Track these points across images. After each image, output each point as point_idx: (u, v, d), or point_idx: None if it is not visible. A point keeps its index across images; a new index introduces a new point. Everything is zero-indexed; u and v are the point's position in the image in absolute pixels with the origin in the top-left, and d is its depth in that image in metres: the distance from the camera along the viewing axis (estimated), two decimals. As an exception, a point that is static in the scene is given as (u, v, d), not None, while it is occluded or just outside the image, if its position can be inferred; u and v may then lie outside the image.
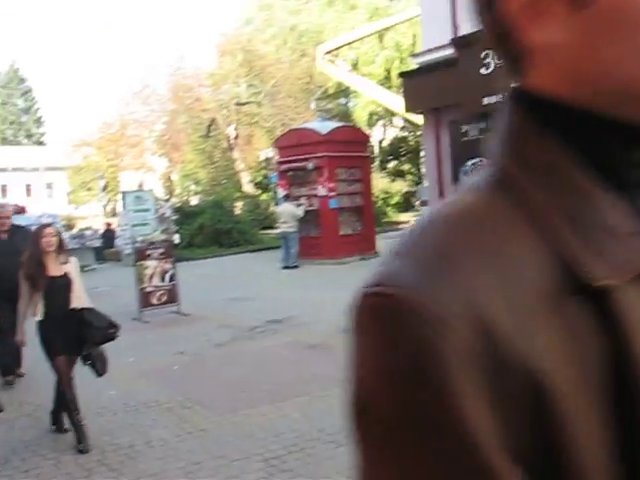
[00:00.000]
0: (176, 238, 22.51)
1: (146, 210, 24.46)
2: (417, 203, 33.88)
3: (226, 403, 6.83)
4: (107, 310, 6.61)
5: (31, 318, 6.02)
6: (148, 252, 12.07)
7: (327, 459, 5.22)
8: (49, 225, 6.35)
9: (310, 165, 18.69)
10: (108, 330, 6.00)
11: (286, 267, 18.02)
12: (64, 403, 5.99)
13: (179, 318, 11.90)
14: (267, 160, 41.00)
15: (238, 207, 31.63)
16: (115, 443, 5.90)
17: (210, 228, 25.48)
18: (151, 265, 12.01)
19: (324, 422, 6.04)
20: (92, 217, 45.51)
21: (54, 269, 5.97)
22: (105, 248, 25.42)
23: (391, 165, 41.51)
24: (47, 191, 63.40)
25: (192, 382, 7.75)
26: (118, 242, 25.15)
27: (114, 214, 51.91)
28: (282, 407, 6.59)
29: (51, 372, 6.01)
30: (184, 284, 12.81)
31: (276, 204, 27.62)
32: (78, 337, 5.95)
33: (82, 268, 23.54)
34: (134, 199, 24.67)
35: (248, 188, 37.88)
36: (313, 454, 5.35)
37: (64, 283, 5.98)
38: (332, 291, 13.48)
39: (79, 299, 6.08)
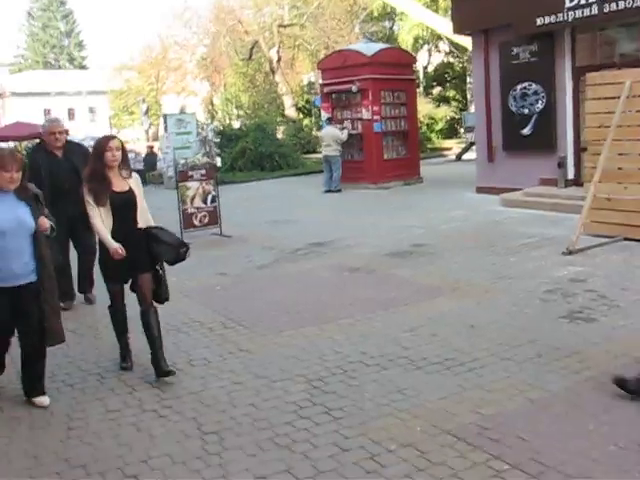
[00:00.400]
0: (218, 161, 22.42)
1: (188, 133, 24.45)
2: (462, 130, 33.25)
3: (269, 324, 6.78)
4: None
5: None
6: (190, 173, 11.96)
7: (370, 382, 5.14)
8: (113, 137, 5.70)
9: (354, 87, 18.26)
10: (180, 249, 5.63)
11: (329, 191, 17.82)
12: (113, 323, 5.93)
13: (221, 240, 11.85)
14: (310, 84, 40.45)
15: (280, 131, 31.34)
16: (158, 361, 5.90)
17: (252, 152, 25.27)
18: (193, 186, 11.91)
19: (367, 345, 5.96)
20: (134, 141, 45.94)
21: (118, 184, 5.54)
22: (147, 171, 25.43)
23: (435, 91, 40.64)
24: (89, 115, 63.72)
25: (235, 303, 7.71)
26: (160, 165, 25.17)
27: (156, 138, 51.80)
28: (325, 329, 6.51)
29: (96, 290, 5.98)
30: (226, 207, 12.74)
31: (319, 129, 27.28)
32: (149, 255, 5.63)
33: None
34: (176, 122, 24.60)
35: (290, 112, 37.46)
36: (356, 377, 5.27)
37: (129, 198, 5.56)
38: (375, 215, 13.35)
39: (145, 216, 5.69)
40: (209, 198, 12.05)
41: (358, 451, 4.14)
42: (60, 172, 7.44)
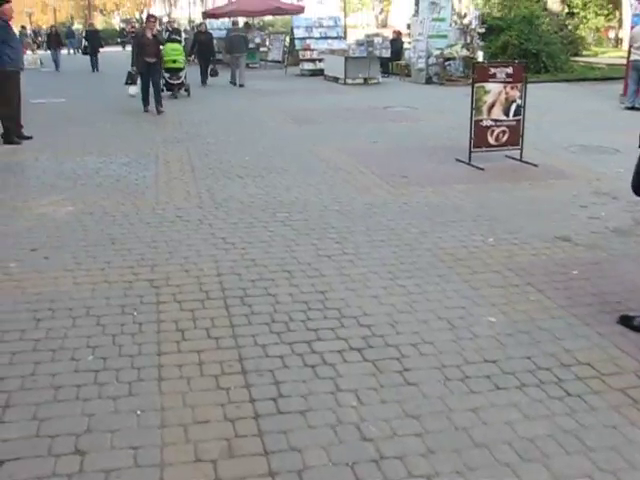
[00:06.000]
0: (480, 56, 18.99)
1: (441, 20, 20.90)
2: None
3: None
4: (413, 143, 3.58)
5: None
6: (492, 71, 8.59)
7: None
8: None
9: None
10: None
11: (632, 108, 13.85)
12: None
13: (524, 169, 8.57)
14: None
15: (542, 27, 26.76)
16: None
17: (516, 48, 21.28)
18: (493, 90, 8.61)
19: None
20: (362, 26, 44.78)
21: None
22: (390, 60, 22.27)
23: None
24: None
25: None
26: (408, 55, 21.99)
27: (385, 24, 49.72)
28: None
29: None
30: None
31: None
32: None
33: (365, 80, 20.28)
34: (429, 6, 21.03)
35: (554, 5, 32.04)
36: None
37: None
38: None
39: None
40: (512, 108, 8.73)
41: None
42: None
